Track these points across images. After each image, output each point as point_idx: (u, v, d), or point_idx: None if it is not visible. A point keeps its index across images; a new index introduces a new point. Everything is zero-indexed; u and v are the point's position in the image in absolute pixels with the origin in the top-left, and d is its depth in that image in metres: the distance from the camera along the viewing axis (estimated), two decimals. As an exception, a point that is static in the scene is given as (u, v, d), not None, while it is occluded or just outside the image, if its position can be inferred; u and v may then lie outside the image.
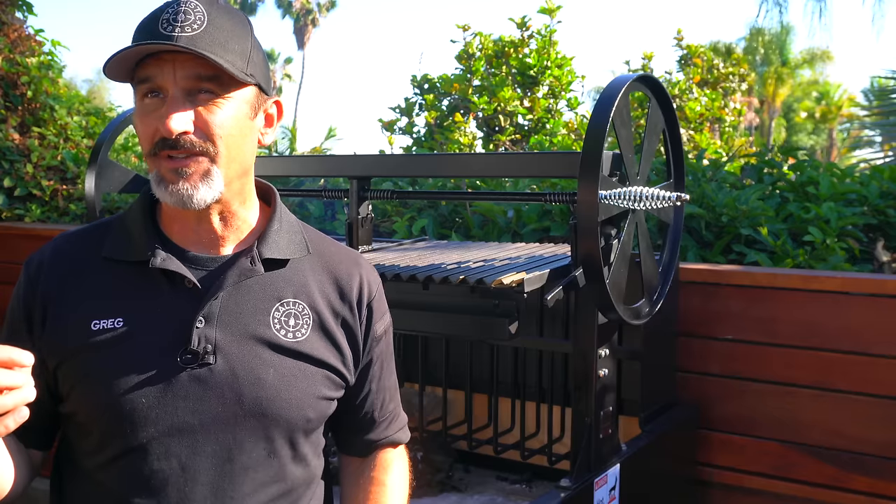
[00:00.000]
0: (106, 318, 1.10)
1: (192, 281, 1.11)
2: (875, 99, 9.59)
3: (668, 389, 2.44)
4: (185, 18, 1.05)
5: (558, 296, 1.75)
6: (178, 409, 1.08)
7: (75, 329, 1.11)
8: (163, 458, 1.08)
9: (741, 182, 3.29)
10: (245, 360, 1.11)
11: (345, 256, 1.26)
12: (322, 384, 1.17)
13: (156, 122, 1.06)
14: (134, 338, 1.10)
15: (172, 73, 1.05)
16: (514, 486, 2.56)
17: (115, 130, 2.48)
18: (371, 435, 1.30)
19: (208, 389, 1.09)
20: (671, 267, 2.09)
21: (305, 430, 1.16)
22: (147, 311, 1.11)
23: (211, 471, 1.09)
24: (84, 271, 1.15)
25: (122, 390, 1.08)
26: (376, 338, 1.25)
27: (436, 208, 3.47)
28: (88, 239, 1.18)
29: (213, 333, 1.10)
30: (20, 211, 4.53)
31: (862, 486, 2.26)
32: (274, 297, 1.15)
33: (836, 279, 2.31)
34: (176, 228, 1.16)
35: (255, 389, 1.11)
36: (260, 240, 1.17)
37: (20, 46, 5.11)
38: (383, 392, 1.30)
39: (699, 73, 6.50)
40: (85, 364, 1.10)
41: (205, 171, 1.08)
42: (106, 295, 1.12)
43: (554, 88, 5.19)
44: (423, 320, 1.92)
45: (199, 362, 1.09)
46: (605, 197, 1.69)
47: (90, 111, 5.39)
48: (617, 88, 1.73)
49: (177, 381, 1.08)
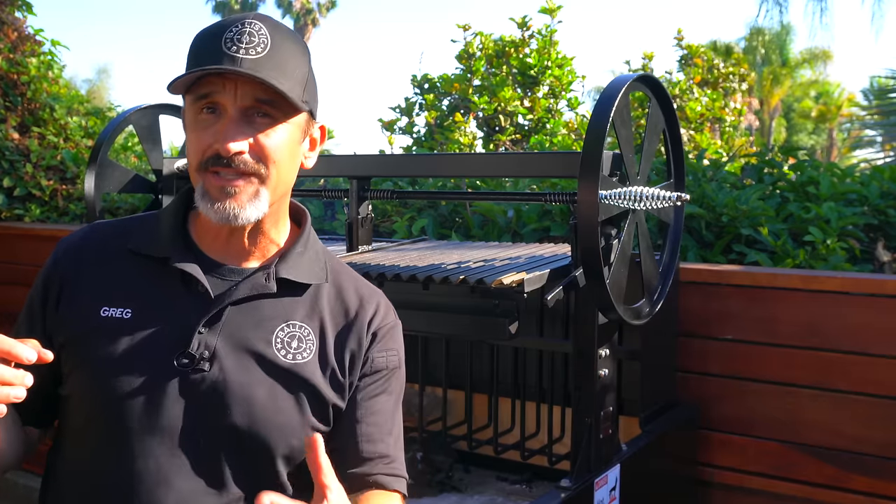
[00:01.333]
0: (116, 307, 1.12)
1: (204, 286, 1.12)
2: (875, 99, 9.60)
3: (668, 389, 2.44)
4: (250, 40, 1.08)
5: (558, 296, 1.75)
6: (165, 410, 1.09)
7: (85, 312, 1.13)
8: (140, 455, 1.08)
9: (741, 182, 3.29)
10: (239, 374, 1.11)
11: (363, 289, 1.24)
12: (313, 413, 1.14)
13: (210, 139, 1.08)
14: (138, 331, 1.11)
15: (234, 92, 1.07)
16: (515, 487, 2.56)
17: (115, 130, 2.48)
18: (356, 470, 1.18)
19: (197, 395, 1.09)
20: (671, 267, 2.09)
21: (287, 457, 1.13)
22: (156, 308, 1.13)
23: (185, 477, 1.08)
24: (107, 259, 1.17)
25: (115, 380, 1.09)
26: (373, 367, 1.20)
27: (436, 208, 3.47)
28: (120, 230, 1.21)
29: (213, 341, 1.10)
30: (20, 211, 4.53)
31: (862, 486, 2.26)
32: (281, 318, 1.15)
33: (837, 279, 2.31)
34: (206, 236, 1.18)
35: (243, 404, 1.10)
36: (280, 259, 1.17)
37: (20, 46, 5.11)
38: (374, 427, 1.20)
39: (699, 73, 6.50)
40: (87, 348, 1.11)
41: (254, 192, 1.10)
42: (121, 285, 1.14)
43: (554, 88, 5.19)
44: (423, 320, 1.92)
45: (194, 367, 1.09)
46: (605, 197, 1.68)
47: (90, 111, 5.39)
48: (617, 88, 1.73)
49: (169, 382, 1.09)
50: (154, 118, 2.53)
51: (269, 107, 1.09)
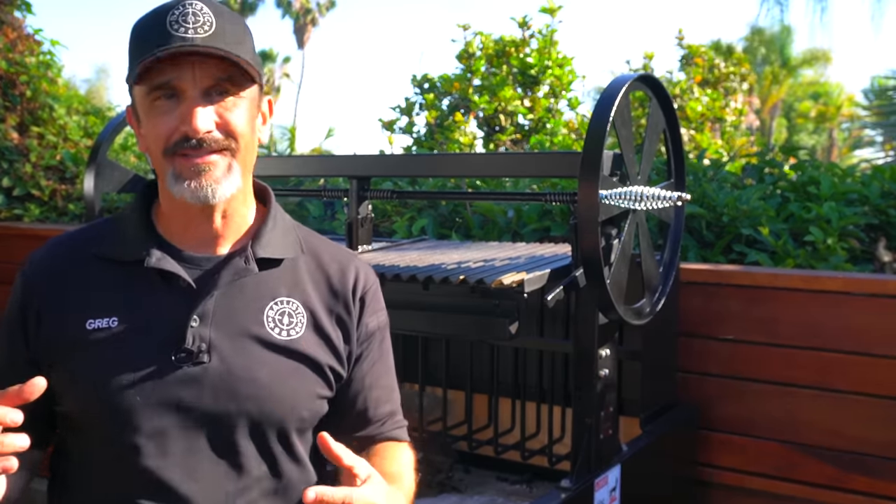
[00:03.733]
0: (101, 318, 1.11)
1: (186, 280, 1.12)
2: (875, 98, 9.59)
3: (668, 390, 2.43)
4: (196, 20, 1.08)
5: (559, 296, 1.75)
6: (173, 408, 1.09)
7: (70, 329, 1.12)
8: (159, 456, 1.09)
9: (742, 182, 3.28)
10: (239, 359, 1.12)
11: (339, 255, 1.27)
12: (316, 383, 1.17)
13: (174, 122, 1.08)
14: (129, 337, 1.10)
15: (192, 74, 1.07)
16: (515, 487, 2.56)
17: (115, 130, 2.48)
18: (363, 433, 1.27)
19: (203, 388, 1.10)
20: (672, 267, 2.08)
21: (299, 429, 1.17)
22: (142, 311, 1.12)
23: (207, 467, 1.10)
24: (79, 271, 1.16)
25: (117, 389, 1.08)
26: (368, 332, 1.25)
27: (436, 208, 3.46)
28: (82, 239, 1.20)
29: (207, 332, 1.11)
30: (19, 211, 4.53)
31: (862, 486, 2.26)
32: (268, 296, 1.16)
33: (838, 279, 2.31)
34: (173, 228, 1.17)
35: (249, 387, 1.11)
36: (254, 239, 1.18)
37: (19, 46, 5.11)
38: (377, 390, 1.28)
39: (700, 73, 6.51)
40: (80, 364, 1.10)
41: (227, 167, 1.11)
42: (100, 294, 1.13)
43: (554, 88, 5.19)
44: (423, 320, 1.91)
45: (194, 361, 1.10)
46: (605, 197, 1.68)
47: (89, 111, 5.39)
48: (617, 88, 1.73)
49: (172, 380, 1.09)
50: (153, 118, 2.52)
51: (229, 83, 1.09)
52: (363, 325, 1.24)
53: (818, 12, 8.84)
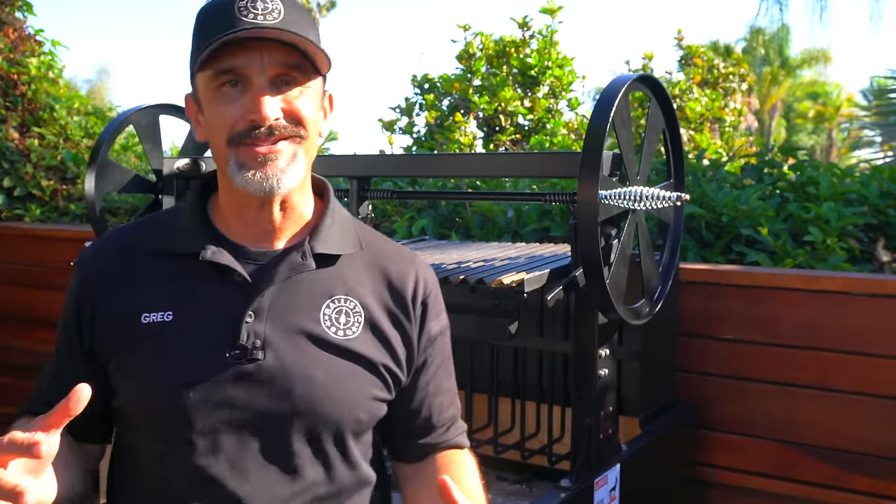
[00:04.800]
0: (156, 312, 1.09)
1: (241, 275, 1.09)
2: (874, 99, 9.60)
3: (668, 390, 2.44)
4: (264, 7, 1.04)
5: (558, 296, 1.75)
6: (226, 405, 1.06)
7: (125, 323, 1.10)
8: (210, 454, 1.06)
9: (741, 182, 3.29)
10: (295, 357, 1.09)
11: (399, 254, 1.23)
12: (373, 384, 1.14)
13: (240, 111, 1.05)
14: (183, 332, 1.08)
15: (259, 61, 1.04)
16: (514, 487, 2.56)
17: (115, 130, 2.48)
18: (427, 439, 1.24)
19: (257, 386, 1.07)
20: (671, 267, 2.09)
21: (355, 432, 1.14)
22: (197, 305, 1.10)
23: (259, 468, 1.07)
24: (134, 265, 1.13)
25: (169, 385, 1.06)
26: (431, 337, 1.22)
27: (436, 208, 3.47)
28: (138, 233, 1.18)
29: (262, 328, 1.08)
30: (20, 211, 4.53)
31: (863, 486, 2.26)
32: (325, 294, 1.13)
33: (837, 279, 2.31)
34: (230, 221, 1.14)
35: (304, 387, 1.08)
36: (312, 234, 1.15)
37: (20, 46, 5.11)
38: (441, 395, 1.25)
39: (699, 73, 6.51)
40: (136, 358, 1.09)
41: (293, 154, 1.08)
42: (155, 288, 1.11)
43: (554, 88, 5.19)
44: (423, 320, 1.91)
45: (248, 357, 1.07)
46: (605, 197, 1.68)
47: (90, 111, 5.39)
48: (617, 88, 1.73)
49: (225, 377, 1.06)
50: (154, 118, 2.53)
51: (296, 71, 1.07)
52: (426, 330, 1.21)
53: (817, 12, 8.84)
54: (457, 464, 1.24)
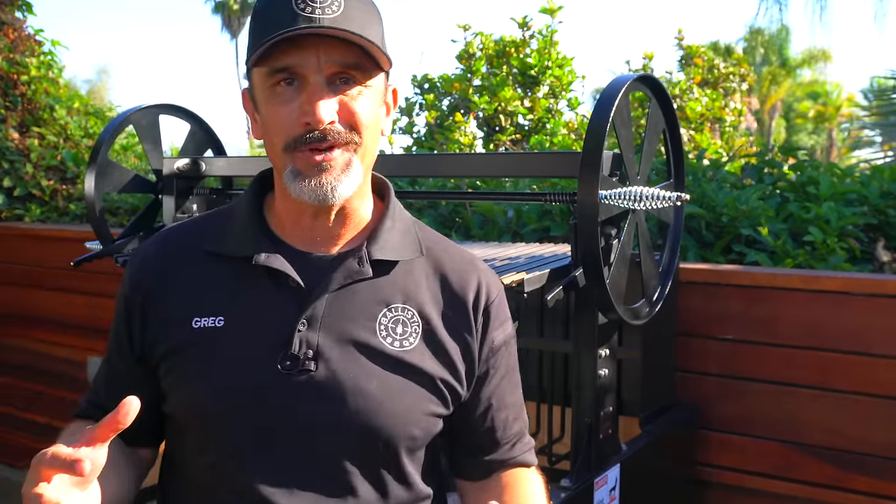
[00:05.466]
0: (207, 316, 1.05)
1: (296, 280, 1.05)
2: (875, 99, 9.60)
3: (668, 390, 2.44)
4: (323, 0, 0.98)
5: (558, 296, 1.75)
6: (276, 416, 1.02)
7: (176, 327, 1.06)
8: (257, 467, 1.02)
9: (741, 182, 3.29)
10: (347, 368, 1.04)
11: (461, 259, 1.17)
12: (429, 399, 1.08)
13: (295, 113, 1.00)
14: (234, 338, 1.04)
15: (316, 59, 0.98)
16: (514, 487, 2.56)
17: (115, 130, 2.48)
18: (492, 456, 1.18)
19: (307, 397, 1.02)
20: (671, 267, 2.09)
21: (409, 448, 1.09)
22: (249, 311, 1.05)
23: (308, 483, 1.03)
24: (186, 267, 1.09)
25: (220, 393, 1.03)
26: (494, 348, 1.14)
27: (436, 208, 3.47)
28: (191, 233, 1.13)
29: (315, 338, 1.03)
30: (20, 211, 4.53)
31: (863, 486, 2.26)
32: (382, 302, 1.08)
33: (837, 279, 2.31)
34: (286, 224, 1.10)
35: (356, 400, 1.03)
36: (370, 239, 1.09)
37: (20, 46, 5.11)
38: (506, 410, 1.17)
39: (700, 73, 6.51)
40: (185, 363, 1.05)
41: (346, 163, 1.02)
42: (207, 291, 1.07)
43: (554, 88, 5.19)
44: (423, 320, 1.91)
45: (300, 368, 1.02)
46: (605, 197, 1.68)
47: (90, 111, 5.39)
48: (617, 88, 1.73)
49: (275, 387, 1.02)
50: (154, 118, 2.53)
51: (356, 70, 1.00)
52: (488, 340, 1.14)
53: (817, 12, 8.85)
54: (522, 483, 1.17)
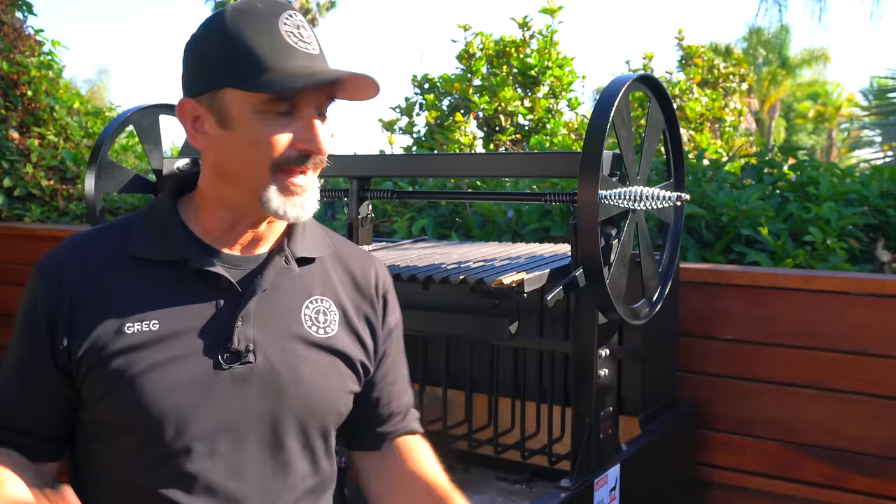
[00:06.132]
0: (140, 322, 1.08)
1: (228, 280, 1.11)
2: (874, 99, 9.60)
3: (668, 389, 2.44)
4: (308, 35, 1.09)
5: (558, 296, 1.75)
6: (222, 409, 1.08)
7: (108, 334, 1.07)
8: (207, 457, 1.08)
9: (741, 182, 3.29)
10: (283, 358, 1.12)
11: (359, 253, 1.30)
12: (350, 378, 1.20)
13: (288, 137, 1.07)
14: (172, 340, 1.08)
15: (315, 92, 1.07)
16: (514, 487, 2.56)
17: (115, 130, 2.48)
18: (387, 427, 1.31)
19: (250, 387, 1.10)
20: (671, 267, 2.09)
21: (335, 424, 1.20)
22: (183, 313, 1.09)
23: (256, 467, 1.11)
24: (110, 273, 1.10)
25: (164, 392, 1.06)
26: (391, 329, 1.28)
27: (436, 208, 3.47)
28: (107, 240, 1.14)
29: (251, 332, 1.11)
30: (20, 211, 4.54)
31: (862, 486, 2.26)
32: (304, 295, 1.17)
33: (837, 279, 2.31)
34: (217, 229, 1.15)
35: (294, 386, 1.12)
36: (289, 239, 1.18)
37: (20, 46, 5.11)
38: (399, 384, 1.32)
39: (700, 74, 6.51)
40: (122, 369, 1.06)
41: (315, 182, 1.14)
42: (138, 297, 1.09)
43: (554, 88, 5.19)
44: (423, 320, 1.92)
45: (241, 361, 1.09)
46: (605, 197, 1.68)
47: (90, 111, 5.39)
48: (617, 88, 1.73)
49: (219, 381, 1.08)
50: (154, 118, 2.53)
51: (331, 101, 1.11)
52: (387, 323, 1.28)
53: (816, 12, 8.85)
54: (417, 449, 1.30)
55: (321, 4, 38.53)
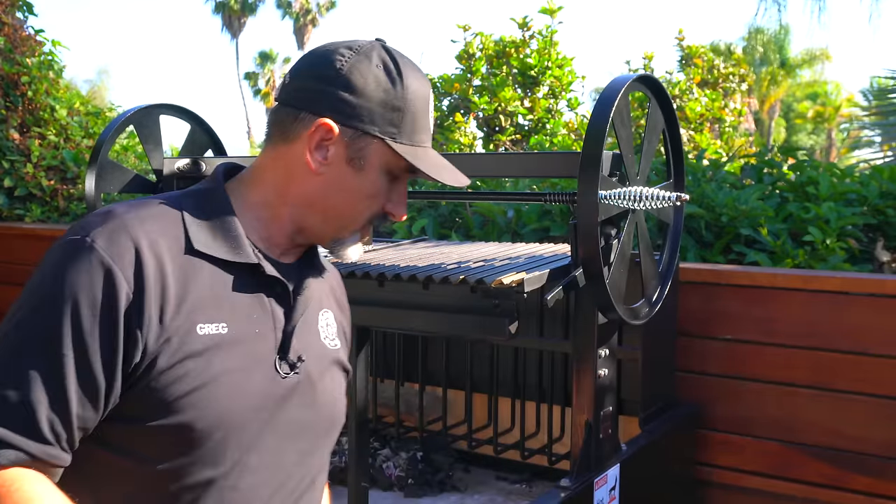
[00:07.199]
0: (210, 322, 1.01)
1: (285, 287, 1.08)
2: (874, 99, 9.59)
3: (667, 389, 2.44)
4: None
5: (558, 296, 1.75)
6: (277, 420, 1.06)
7: (182, 334, 0.99)
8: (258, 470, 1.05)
9: (741, 182, 3.29)
10: (316, 369, 1.11)
11: (330, 265, 1.28)
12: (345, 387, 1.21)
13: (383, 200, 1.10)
14: (238, 345, 1.03)
15: None
16: (514, 486, 2.56)
17: (116, 130, 2.48)
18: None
19: (296, 398, 1.08)
20: (671, 267, 2.09)
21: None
22: (247, 317, 1.05)
23: (295, 478, 1.10)
24: (179, 264, 1.01)
25: (228, 401, 1.01)
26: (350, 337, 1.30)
27: (436, 208, 3.47)
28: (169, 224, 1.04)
29: (297, 343, 1.09)
30: (20, 211, 4.54)
31: (862, 485, 2.26)
32: (318, 307, 1.16)
33: (836, 279, 2.31)
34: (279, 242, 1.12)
35: (324, 397, 1.13)
36: (312, 250, 1.17)
37: (20, 46, 5.12)
38: None
39: (699, 74, 6.52)
40: (191, 373, 0.99)
41: None
42: (207, 296, 1.02)
43: (554, 89, 5.20)
44: (423, 320, 1.92)
45: (295, 372, 1.08)
46: (605, 197, 1.69)
47: (90, 111, 5.40)
48: (617, 88, 1.73)
49: (275, 392, 1.05)
50: (154, 118, 2.53)
51: None
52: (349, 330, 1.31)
53: (816, 12, 8.85)
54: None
55: (321, 4, 38.52)
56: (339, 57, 1.06)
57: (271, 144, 1.10)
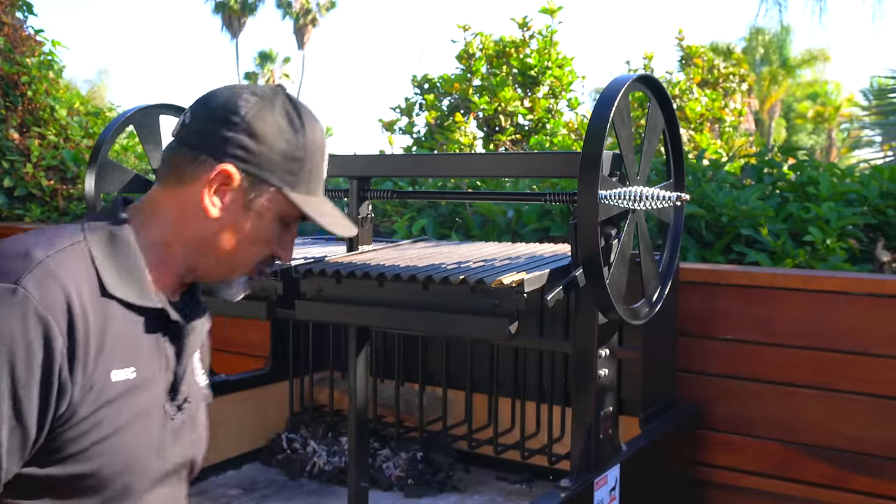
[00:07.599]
0: (122, 368, 1.02)
1: (181, 328, 1.10)
2: (874, 99, 9.59)
3: (668, 389, 2.44)
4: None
5: (558, 296, 1.75)
6: (170, 456, 1.11)
7: (101, 381, 1.00)
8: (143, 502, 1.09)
9: (741, 182, 3.29)
10: (195, 404, 1.16)
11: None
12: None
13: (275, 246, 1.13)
14: (142, 390, 1.05)
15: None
16: (514, 487, 2.56)
17: (116, 130, 2.48)
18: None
19: (183, 439, 1.13)
20: (671, 267, 2.09)
21: None
22: (149, 360, 1.07)
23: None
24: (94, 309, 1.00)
25: (135, 447, 1.04)
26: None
27: (436, 208, 3.47)
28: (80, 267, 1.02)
29: (183, 383, 1.13)
30: (20, 211, 4.54)
31: (862, 485, 2.26)
32: (196, 343, 1.16)
33: (836, 279, 2.31)
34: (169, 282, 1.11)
35: (203, 433, 1.19)
36: (195, 286, 1.17)
37: (20, 46, 5.12)
38: None
39: (699, 74, 6.52)
40: (104, 421, 1.00)
41: None
42: (120, 341, 1.03)
43: (554, 88, 5.20)
44: (423, 320, 1.92)
45: (181, 410, 1.12)
46: (605, 197, 1.69)
47: (90, 111, 5.40)
48: (617, 88, 1.73)
49: (170, 429, 1.11)
50: (154, 118, 2.53)
51: None
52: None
53: (817, 12, 8.86)
54: None
55: (321, 4, 38.51)
56: (243, 102, 1.05)
57: (167, 183, 1.09)
